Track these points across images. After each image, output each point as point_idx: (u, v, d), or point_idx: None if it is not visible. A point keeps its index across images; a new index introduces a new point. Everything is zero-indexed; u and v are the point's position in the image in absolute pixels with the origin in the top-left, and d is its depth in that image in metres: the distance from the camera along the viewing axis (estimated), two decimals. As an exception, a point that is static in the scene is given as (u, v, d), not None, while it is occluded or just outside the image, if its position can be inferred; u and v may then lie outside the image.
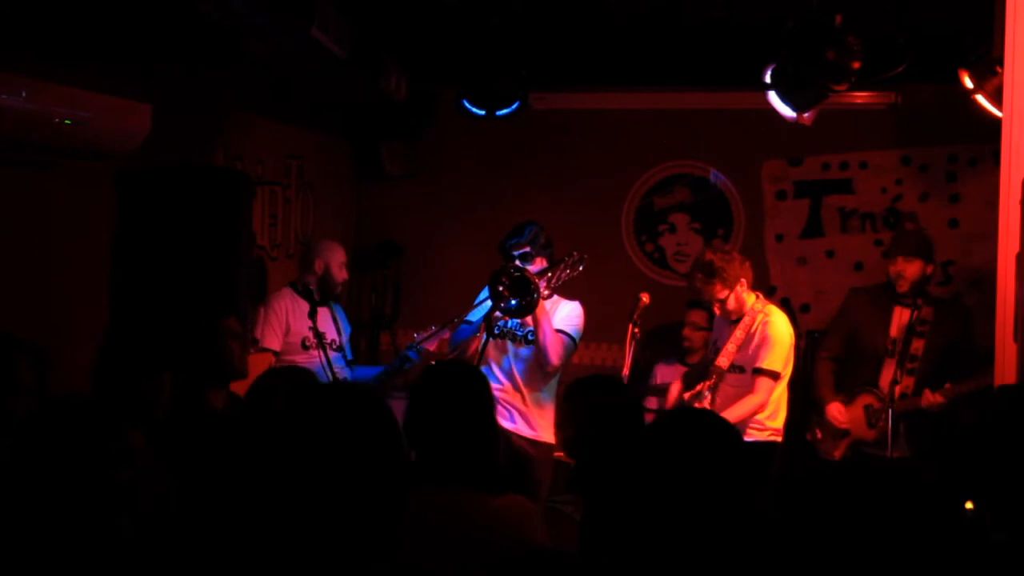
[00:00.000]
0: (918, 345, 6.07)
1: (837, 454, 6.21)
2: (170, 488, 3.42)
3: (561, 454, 5.21)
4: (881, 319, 6.22)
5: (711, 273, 5.70)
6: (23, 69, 4.26)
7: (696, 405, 5.61)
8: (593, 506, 3.83)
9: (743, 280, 5.72)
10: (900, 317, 6.15)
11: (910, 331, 5.99)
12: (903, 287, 6.15)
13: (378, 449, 2.35)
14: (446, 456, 3.36)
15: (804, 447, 6.36)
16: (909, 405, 5.98)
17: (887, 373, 6.07)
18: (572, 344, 5.89)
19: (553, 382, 5.95)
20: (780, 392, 5.74)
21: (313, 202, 7.51)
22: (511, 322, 5.88)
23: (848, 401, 6.24)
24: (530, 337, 5.87)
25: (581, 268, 5.85)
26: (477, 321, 5.90)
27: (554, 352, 5.77)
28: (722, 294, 5.71)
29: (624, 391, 4.50)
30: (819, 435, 6.30)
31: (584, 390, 4.16)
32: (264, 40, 5.37)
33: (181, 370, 4.81)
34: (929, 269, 6.20)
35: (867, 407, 6.16)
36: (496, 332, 5.81)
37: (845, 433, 6.21)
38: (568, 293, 5.98)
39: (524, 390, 5.90)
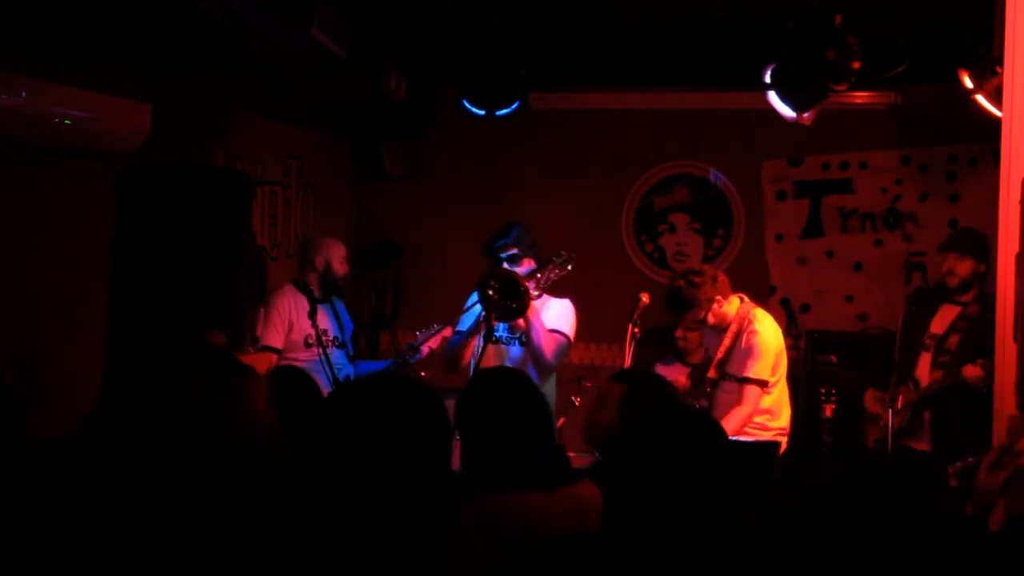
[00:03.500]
0: (953, 340, 6.09)
1: (870, 441, 6.28)
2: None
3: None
4: (925, 315, 6.24)
5: (683, 305, 5.67)
6: (23, 69, 4.26)
7: None
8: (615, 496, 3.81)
9: (718, 297, 5.68)
10: (945, 313, 6.16)
11: (952, 327, 6.02)
12: (953, 283, 6.15)
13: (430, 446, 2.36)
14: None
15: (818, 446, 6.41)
16: (931, 389, 6.02)
17: (922, 367, 6.13)
18: (567, 342, 5.84)
19: (550, 383, 5.88)
20: (779, 393, 5.72)
21: (313, 202, 7.51)
22: (500, 326, 5.78)
23: (884, 391, 6.28)
24: (522, 339, 5.81)
25: (570, 267, 5.75)
26: (467, 328, 5.86)
27: (549, 351, 5.71)
28: (699, 316, 5.69)
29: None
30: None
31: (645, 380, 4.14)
32: (264, 40, 5.37)
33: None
34: (982, 267, 6.17)
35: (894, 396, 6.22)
36: (492, 339, 5.72)
37: (877, 419, 6.25)
38: (568, 294, 5.96)
39: None
